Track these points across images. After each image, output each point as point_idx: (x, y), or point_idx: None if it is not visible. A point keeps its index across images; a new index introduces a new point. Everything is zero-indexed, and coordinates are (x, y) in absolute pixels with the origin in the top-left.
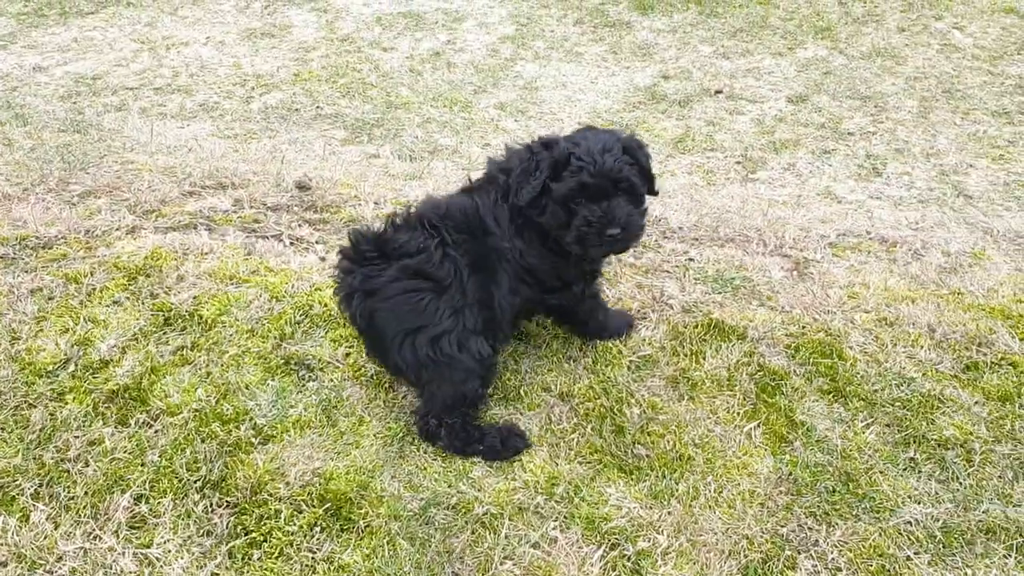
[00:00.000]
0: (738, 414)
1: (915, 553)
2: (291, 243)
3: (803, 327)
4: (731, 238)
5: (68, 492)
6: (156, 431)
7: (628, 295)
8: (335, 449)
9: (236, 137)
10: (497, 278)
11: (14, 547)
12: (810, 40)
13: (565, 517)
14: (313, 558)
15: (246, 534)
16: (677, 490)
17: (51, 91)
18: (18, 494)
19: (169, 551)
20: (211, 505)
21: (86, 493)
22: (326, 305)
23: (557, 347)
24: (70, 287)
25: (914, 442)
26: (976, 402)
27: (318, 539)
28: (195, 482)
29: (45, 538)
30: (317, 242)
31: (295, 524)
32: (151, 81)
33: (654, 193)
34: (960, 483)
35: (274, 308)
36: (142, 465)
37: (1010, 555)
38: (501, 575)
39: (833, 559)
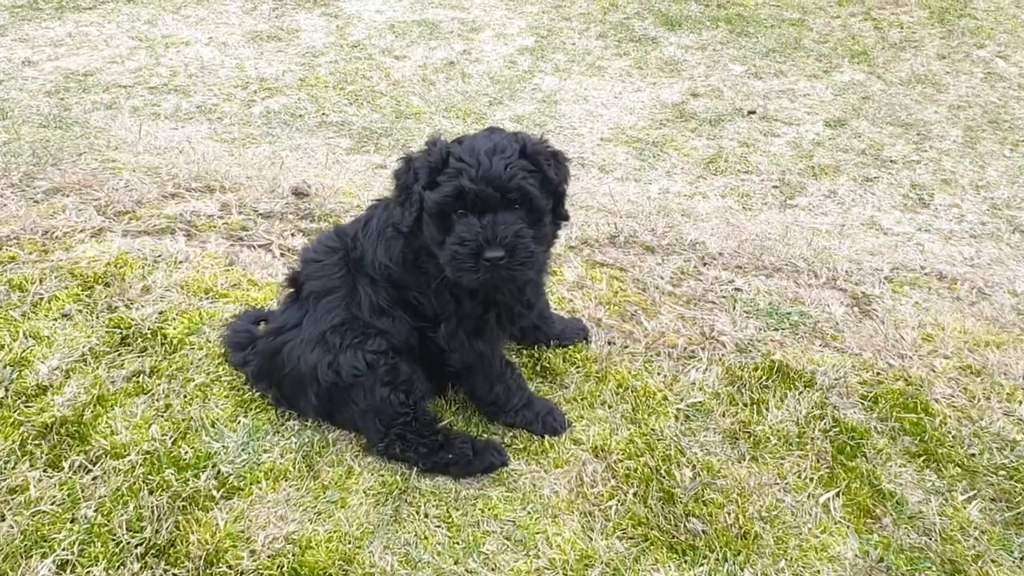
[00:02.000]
0: (811, 480)
1: None
2: (281, 254)
3: (878, 373)
4: (778, 267)
5: None
6: (94, 478)
7: (671, 328)
8: (315, 508)
9: (234, 141)
10: (356, 296)
11: None
12: (846, 64)
13: None
14: None
15: None
16: None
17: (38, 86)
18: None
19: None
20: None
21: None
22: None
23: (589, 389)
24: (13, 295)
25: None
26: None
27: None
28: (136, 546)
29: None
30: None
31: None
32: (146, 80)
33: (562, 217)
34: None
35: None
36: (72, 521)
37: None
38: None
39: None
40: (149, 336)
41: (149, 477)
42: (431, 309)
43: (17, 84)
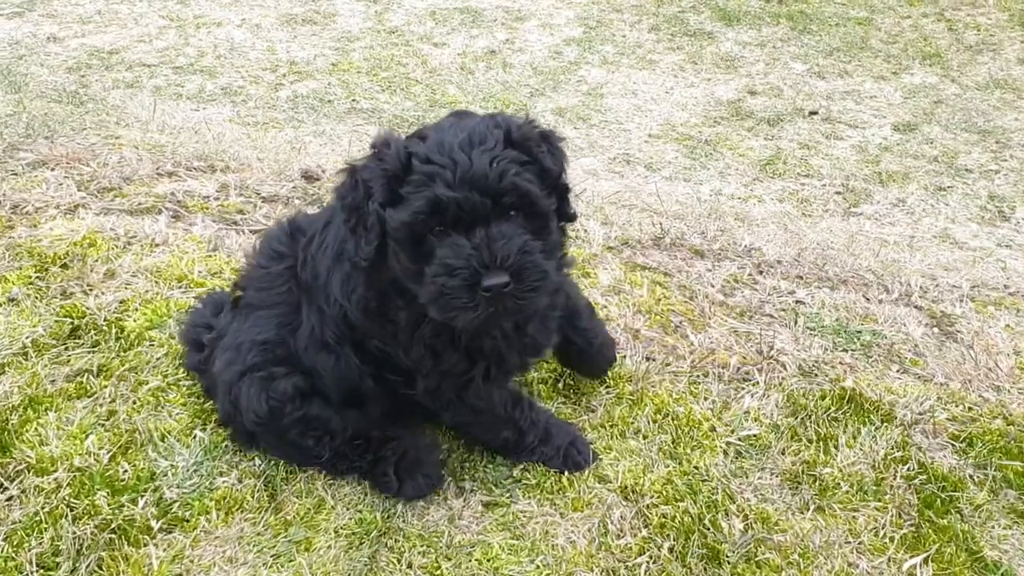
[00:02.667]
0: (892, 540)
1: None
2: None
3: (970, 408)
4: (843, 279)
5: None
6: (9, 499)
7: (722, 344)
8: (273, 549)
9: (255, 124)
10: (295, 320)
11: None
12: (916, 65)
13: None
14: None
15: None
16: None
17: (60, 62)
18: None
19: None
20: None
21: None
22: None
23: (621, 414)
24: None
25: None
26: None
27: None
28: None
29: None
30: None
31: None
32: (172, 60)
33: (568, 217)
34: None
35: None
36: None
37: None
38: None
39: None
40: (104, 328)
41: (75, 500)
42: (402, 363)
43: (39, 59)
